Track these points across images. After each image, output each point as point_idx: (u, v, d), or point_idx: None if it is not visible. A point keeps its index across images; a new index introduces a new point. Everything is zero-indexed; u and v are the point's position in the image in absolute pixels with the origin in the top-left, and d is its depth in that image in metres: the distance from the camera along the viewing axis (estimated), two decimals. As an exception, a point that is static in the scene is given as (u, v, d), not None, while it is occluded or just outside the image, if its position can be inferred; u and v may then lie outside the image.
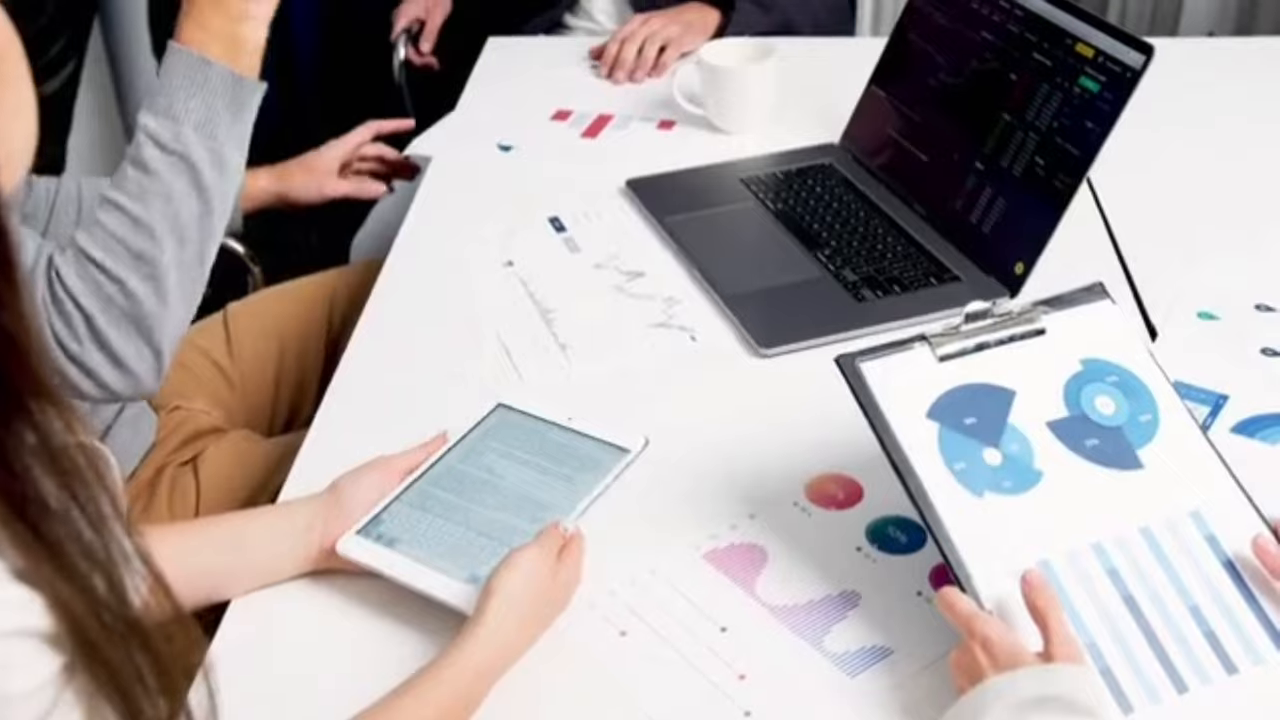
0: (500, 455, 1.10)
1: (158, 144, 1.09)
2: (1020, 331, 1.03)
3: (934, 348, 1.01)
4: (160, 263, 1.10)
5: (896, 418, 0.98)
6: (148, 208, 1.10)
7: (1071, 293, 1.07)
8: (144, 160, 1.09)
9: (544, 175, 1.65)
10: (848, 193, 1.55)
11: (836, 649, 0.98)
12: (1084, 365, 1.03)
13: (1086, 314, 1.06)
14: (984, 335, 1.02)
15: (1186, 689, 0.89)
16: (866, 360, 1.00)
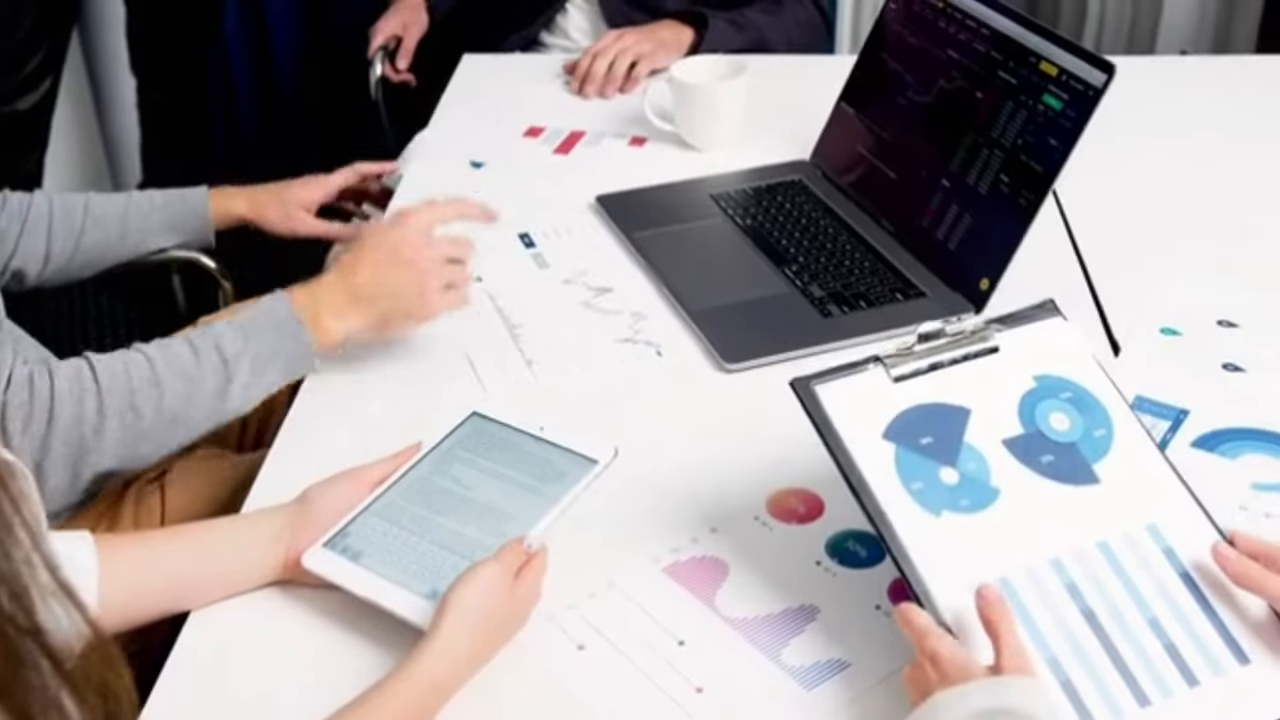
0: (469, 465, 1.10)
1: (218, 346, 1.17)
2: (974, 350, 1.04)
3: (888, 369, 1.01)
4: (143, 424, 1.14)
5: (853, 440, 0.98)
6: (172, 379, 1.15)
7: (1024, 310, 1.07)
8: (199, 348, 1.17)
9: (514, 191, 1.65)
10: (816, 209, 1.56)
11: (794, 662, 0.98)
12: (1038, 382, 1.04)
13: (1039, 330, 1.06)
14: (938, 355, 1.03)
15: (1149, 702, 0.90)
16: (821, 383, 1.00)
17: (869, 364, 1.02)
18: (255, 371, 1.18)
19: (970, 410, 1.02)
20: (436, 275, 1.26)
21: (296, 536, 1.04)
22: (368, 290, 1.24)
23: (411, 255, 1.25)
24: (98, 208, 1.49)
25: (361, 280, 1.24)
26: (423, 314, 1.27)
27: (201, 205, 1.55)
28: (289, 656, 1.01)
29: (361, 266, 1.25)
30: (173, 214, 1.53)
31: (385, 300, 1.25)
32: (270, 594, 1.06)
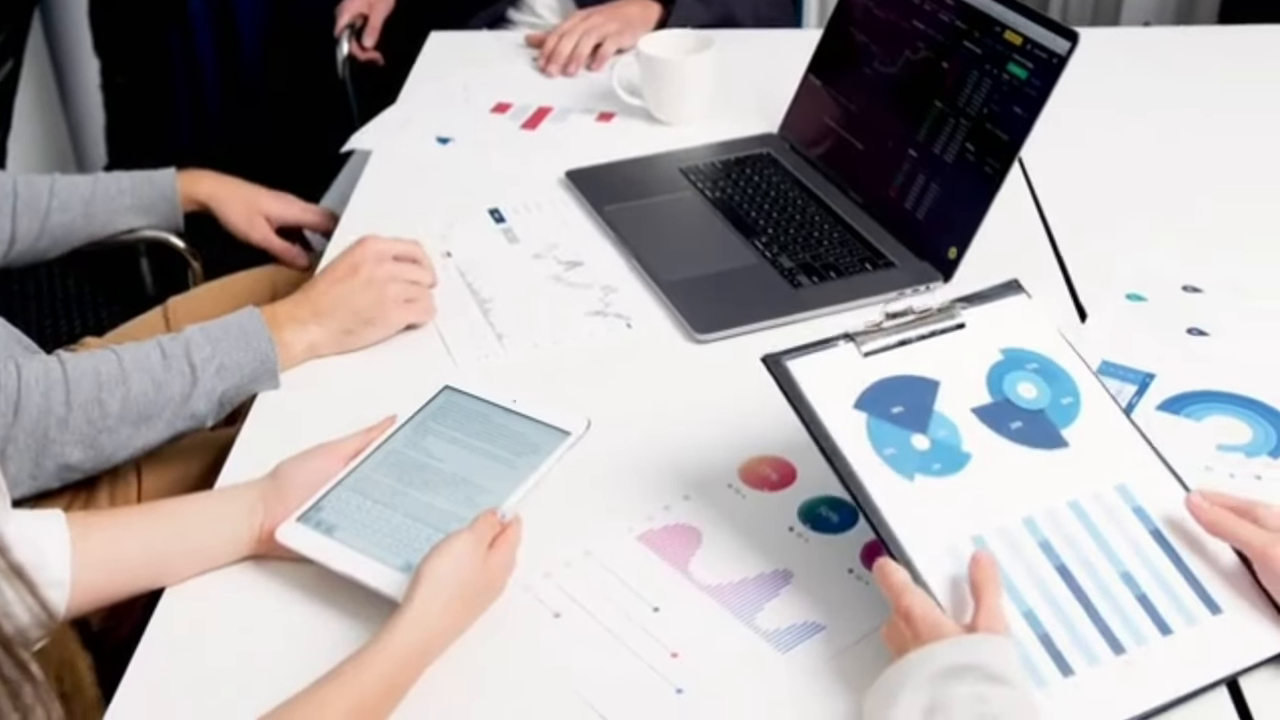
0: (441, 438, 1.10)
1: (187, 352, 1.18)
2: (941, 327, 1.05)
3: (858, 345, 1.03)
4: (108, 420, 1.14)
5: (825, 410, 0.99)
6: (139, 379, 1.16)
7: (989, 289, 1.10)
8: (169, 352, 1.18)
9: (483, 167, 1.65)
10: (785, 181, 1.56)
11: (769, 626, 0.99)
12: (1004, 355, 1.06)
13: (1004, 308, 1.09)
14: (906, 331, 1.04)
15: (1124, 650, 0.91)
16: (793, 359, 1.01)
17: (839, 340, 1.03)
18: (220, 377, 1.20)
19: (939, 382, 1.03)
20: (396, 290, 1.30)
21: (270, 511, 1.04)
22: (329, 304, 1.27)
23: (371, 271, 1.29)
24: (64, 189, 1.48)
25: (320, 294, 1.28)
26: (383, 325, 1.30)
27: (169, 188, 1.54)
28: (264, 630, 1.01)
29: (322, 282, 1.29)
30: (140, 196, 1.52)
31: (346, 313, 1.28)
32: (244, 569, 1.06)
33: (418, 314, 1.32)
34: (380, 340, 1.30)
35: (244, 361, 1.21)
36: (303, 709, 0.86)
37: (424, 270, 1.34)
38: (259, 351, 1.22)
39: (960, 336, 1.06)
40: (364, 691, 0.88)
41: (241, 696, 0.93)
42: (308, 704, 0.86)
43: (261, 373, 1.22)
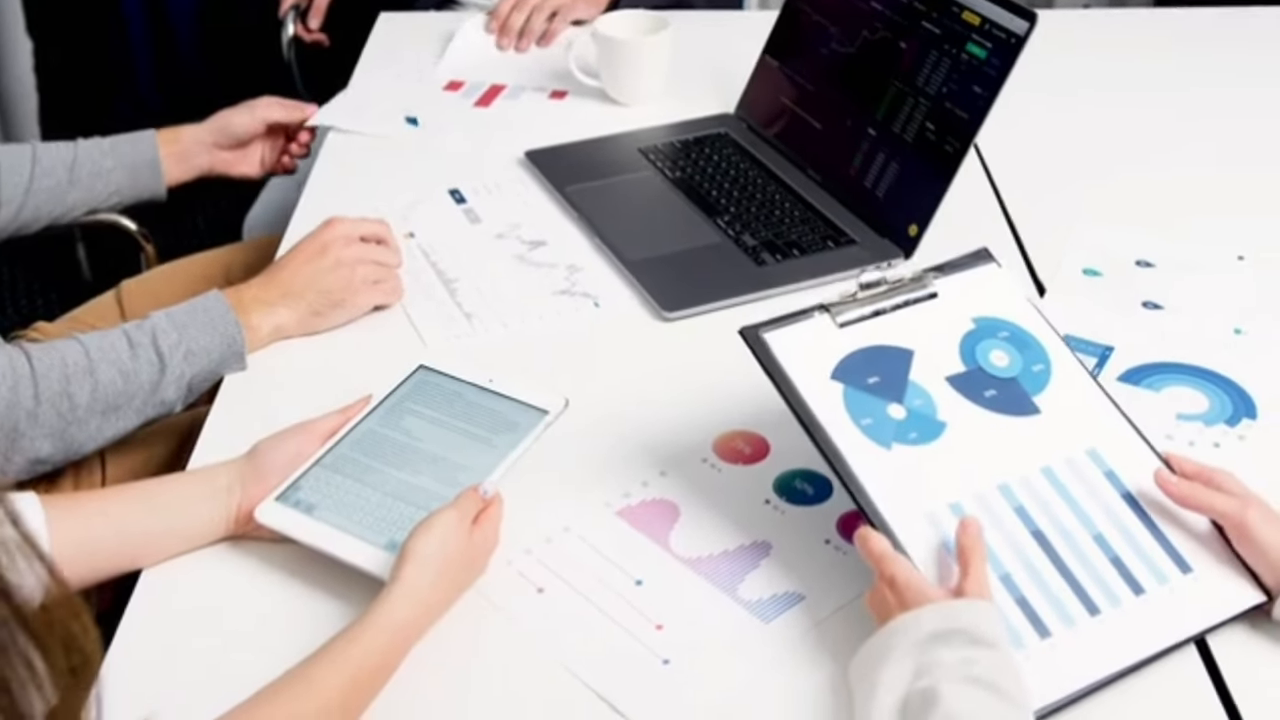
0: (419, 418, 1.10)
1: (154, 340, 1.17)
2: (914, 296, 1.07)
3: (833, 316, 1.04)
4: (77, 412, 1.13)
5: (802, 381, 1.01)
6: (107, 369, 1.14)
7: (959, 259, 1.11)
8: (135, 341, 1.17)
9: (440, 148, 1.65)
10: (744, 160, 1.58)
11: (750, 597, 1.00)
12: (976, 323, 1.08)
13: (975, 277, 1.10)
14: (879, 302, 1.06)
15: (1098, 610, 0.94)
16: (769, 330, 1.03)
17: (814, 311, 1.04)
18: (188, 363, 1.19)
19: (913, 351, 1.05)
20: (365, 272, 1.29)
21: (248, 491, 1.04)
22: (295, 285, 1.27)
23: (339, 252, 1.28)
24: (46, 156, 1.45)
25: (288, 275, 1.27)
26: (352, 307, 1.29)
27: (151, 149, 1.51)
28: (244, 611, 1.01)
29: (290, 263, 1.28)
30: (122, 159, 1.49)
31: (314, 295, 1.27)
32: (222, 550, 1.05)
33: (386, 295, 1.31)
34: (348, 322, 1.30)
35: (211, 346, 1.20)
36: (294, 686, 0.86)
37: (391, 251, 1.33)
38: (226, 335, 1.21)
39: (933, 306, 1.08)
40: (356, 668, 0.88)
41: (223, 676, 0.93)
42: (299, 681, 0.86)
43: (229, 356, 1.21)
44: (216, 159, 1.58)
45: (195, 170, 1.56)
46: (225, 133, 1.57)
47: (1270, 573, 0.96)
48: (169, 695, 0.93)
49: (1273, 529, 0.96)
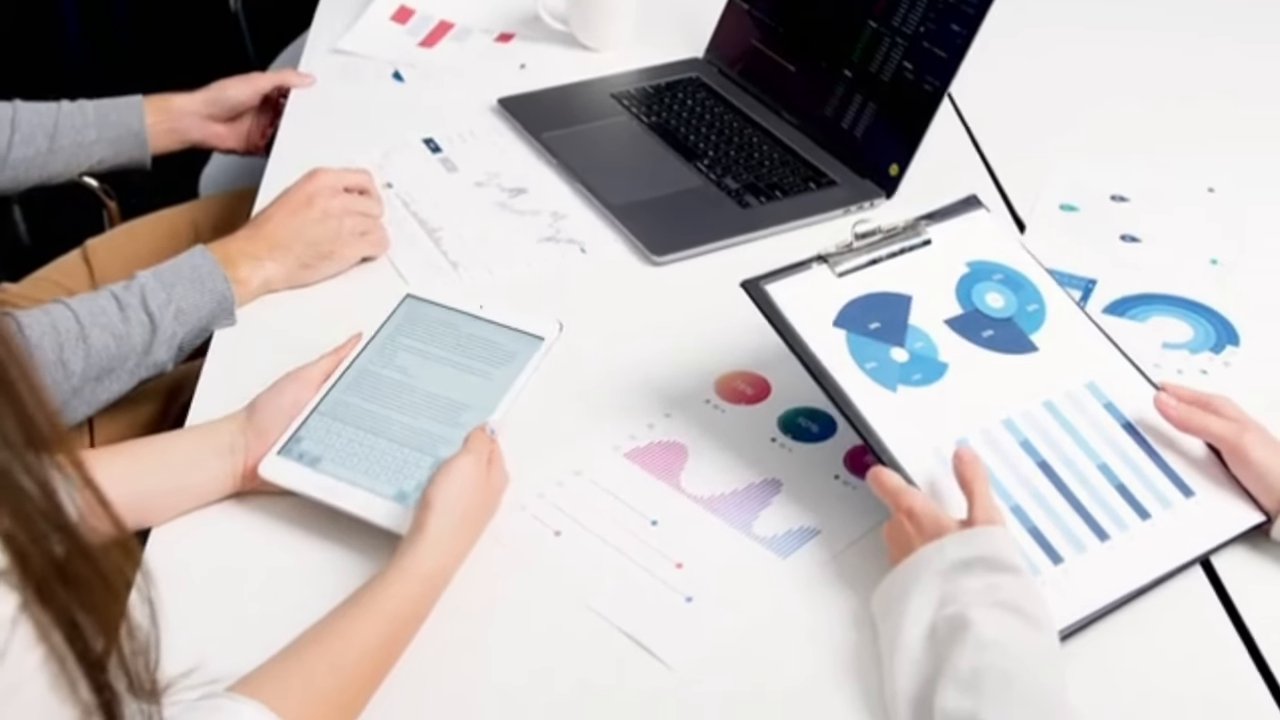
0: (413, 353, 1.09)
1: (144, 301, 1.15)
2: (909, 244, 1.09)
3: (831, 266, 1.06)
4: (73, 380, 1.11)
5: (807, 331, 1.02)
6: (99, 334, 1.13)
7: (949, 206, 1.14)
8: (125, 303, 1.15)
9: (412, 98, 1.63)
10: (719, 105, 1.57)
11: (766, 533, 1.01)
12: (970, 267, 1.09)
13: (966, 222, 1.12)
14: (875, 250, 1.08)
15: (1107, 536, 0.96)
16: (770, 282, 1.04)
17: (812, 262, 1.06)
18: (179, 322, 1.17)
19: (911, 296, 1.06)
20: (351, 223, 1.28)
21: (251, 446, 1.03)
22: (283, 238, 1.25)
23: (325, 204, 1.26)
24: (26, 121, 1.42)
25: (274, 228, 1.25)
26: (339, 259, 1.28)
27: (136, 118, 1.47)
28: (254, 566, 1.00)
29: (275, 215, 1.26)
30: (106, 128, 1.45)
31: (300, 246, 1.25)
32: (228, 506, 1.04)
33: (373, 246, 1.30)
34: (336, 274, 1.28)
35: (201, 303, 1.18)
36: (332, 637, 0.85)
37: (374, 201, 1.31)
38: (215, 292, 1.19)
39: (927, 253, 1.09)
40: (391, 618, 0.88)
41: (240, 631, 0.93)
42: (336, 632, 0.86)
43: (219, 312, 1.20)
44: (207, 131, 1.54)
45: (183, 142, 1.53)
46: (220, 104, 1.54)
47: (1267, 494, 0.99)
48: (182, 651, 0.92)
49: (1269, 451, 0.99)
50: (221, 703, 0.77)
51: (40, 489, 0.59)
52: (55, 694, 0.60)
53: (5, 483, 0.57)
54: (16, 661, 0.58)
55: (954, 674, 0.83)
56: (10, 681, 0.58)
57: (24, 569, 0.58)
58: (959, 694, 0.82)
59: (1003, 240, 1.12)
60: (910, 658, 0.86)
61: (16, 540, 0.57)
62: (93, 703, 0.61)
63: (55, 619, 0.59)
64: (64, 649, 0.59)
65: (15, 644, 0.58)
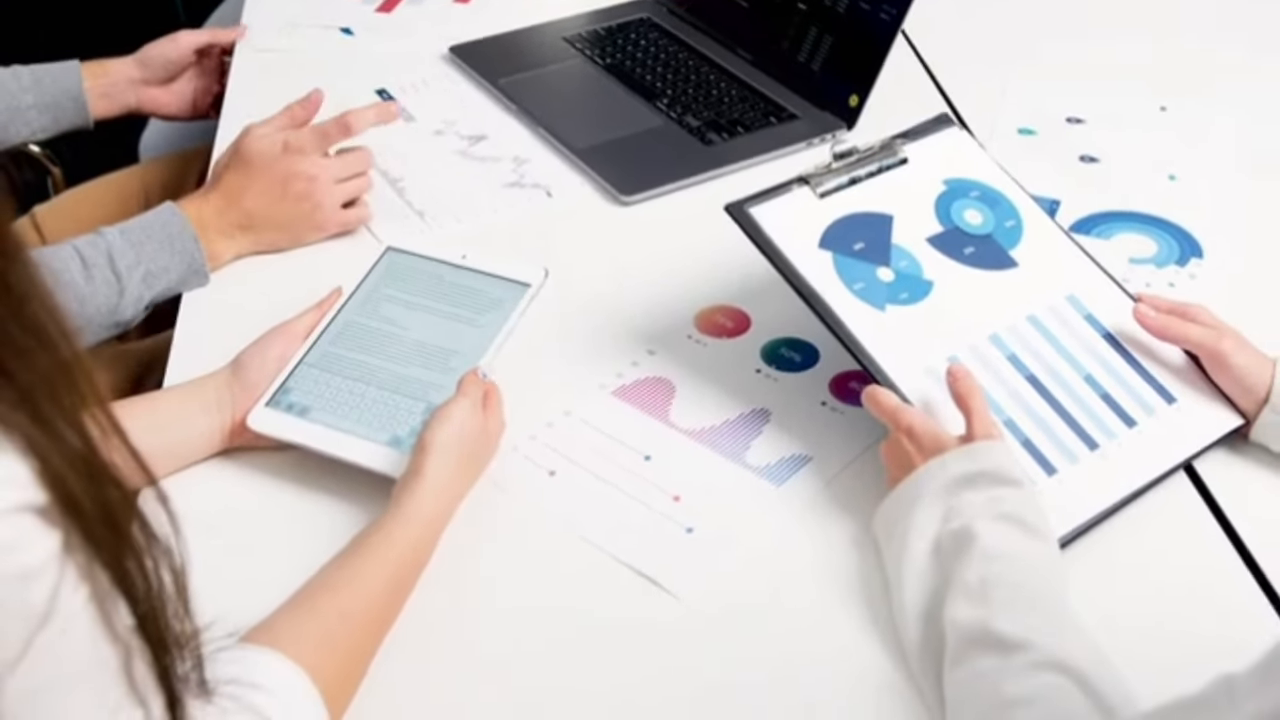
0: (397, 303, 1.08)
1: (110, 259, 1.13)
2: (887, 163, 1.10)
3: (813, 187, 1.06)
4: None
5: (793, 253, 1.02)
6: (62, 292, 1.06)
7: (922, 124, 1.14)
8: (90, 261, 1.12)
9: (360, 50, 1.60)
10: (672, 44, 1.57)
11: (759, 462, 1.02)
12: (948, 185, 1.10)
13: (940, 140, 1.13)
14: (855, 170, 1.08)
15: (1096, 445, 0.98)
16: (755, 205, 1.04)
17: (794, 184, 1.06)
18: (147, 285, 1.15)
19: (893, 215, 1.07)
20: (331, 200, 1.24)
21: (237, 401, 1.01)
22: (259, 220, 1.22)
23: (304, 188, 1.23)
24: None
25: (251, 208, 1.22)
26: (314, 238, 1.25)
27: (75, 83, 1.43)
28: (248, 519, 0.99)
29: (251, 194, 1.22)
30: (43, 94, 1.41)
31: (276, 230, 1.23)
32: (218, 462, 1.03)
33: (356, 220, 1.26)
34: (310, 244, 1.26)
35: (170, 265, 1.16)
36: (338, 585, 0.85)
37: (358, 158, 1.27)
38: (185, 254, 1.16)
39: (905, 172, 1.10)
40: (396, 562, 0.87)
41: (239, 585, 0.90)
42: (342, 580, 0.85)
43: (189, 274, 1.17)
44: (144, 96, 1.50)
45: (122, 107, 1.48)
46: (151, 66, 1.49)
47: (1245, 397, 1.01)
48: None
49: (1246, 355, 1.01)
50: (242, 654, 0.77)
51: (78, 433, 0.58)
52: (102, 634, 0.60)
53: (48, 425, 0.57)
54: (67, 600, 0.58)
55: (963, 586, 0.84)
56: (62, 619, 0.58)
57: (69, 509, 0.57)
58: (969, 605, 0.83)
59: (977, 157, 1.13)
60: (917, 572, 0.88)
61: (62, 480, 0.57)
62: (134, 644, 0.61)
63: (98, 559, 0.59)
64: (108, 589, 0.59)
65: (65, 582, 0.58)
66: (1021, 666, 0.77)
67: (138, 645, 0.62)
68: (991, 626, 0.80)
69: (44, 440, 0.57)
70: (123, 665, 0.62)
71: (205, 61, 1.55)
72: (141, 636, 0.61)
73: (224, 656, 0.76)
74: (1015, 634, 0.78)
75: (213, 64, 1.56)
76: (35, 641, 0.59)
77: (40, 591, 0.59)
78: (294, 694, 0.76)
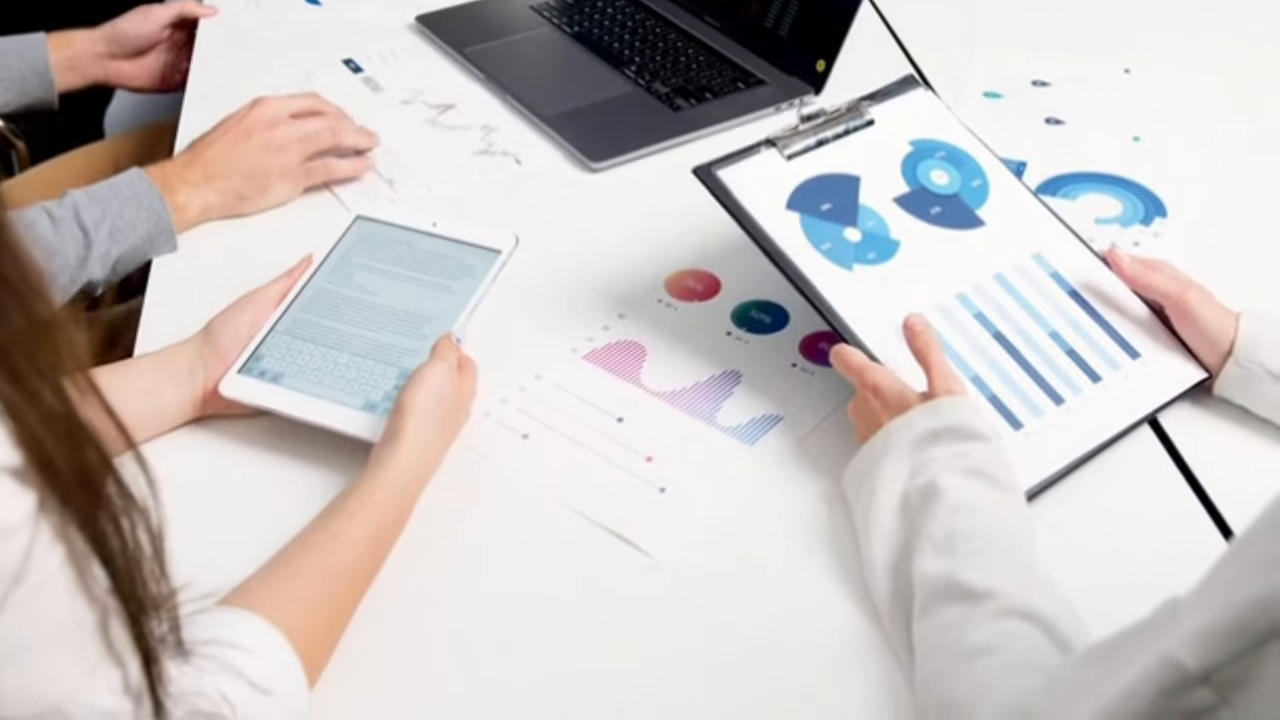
0: (370, 271, 1.08)
1: (77, 215, 1.14)
2: (853, 125, 1.10)
3: (780, 149, 1.07)
4: None
5: (761, 214, 1.03)
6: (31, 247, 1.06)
7: (889, 85, 1.15)
8: (57, 216, 1.13)
9: (325, 20, 1.59)
10: (639, 12, 1.57)
11: (730, 423, 1.03)
12: (914, 146, 1.11)
13: (906, 102, 1.14)
14: (822, 132, 1.09)
15: (1062, 400, 0.99)
16: (722, 168, 1.04)
17: (761, 146, 1.06)
18: (114, 239, 1.15)
19: (860, 177, 1.08)
20: (295, 152, 1.25)
21: (209, 369, 1.01)
22: (221, 168, 1.22)
23: (265, 135, 1.24)
24: None
25: (214, 155, 1.23)
26: (275, 192, 1.25)
27: (40, 57, 1.42)
28: (222, 488, 0.99)
29: (216, 144, 1.23)
30: (8, 69, 1.40)
31: (238, 178, 1.23)
32: (190, 431, 1.03)
33: (320, 175, 1.27)
34: (275, 206, 1.26)
35: (137, 222, 1.16)
36: (317, 546, 0.85)
37: (329, 118, 1.28)
38: (152, 211, 1.17)
39: (871, 133, 1.11)
40: (375, 523, 0.88)
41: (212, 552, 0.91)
42: (321, 541, 0.86)
43: (157, 233, 1.17)
44: (111, 69, 1.49)
45: (88, 79, 1.47)
46: (118, 40, 1.48)
47: (1209, 350, 1.02)
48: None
49: (1211, 309, 1.02)
50: (220, 615, 0.77)
51: (56, 393, 0.58)
52: (78, 594, 0.60)
53: (24, 384, 0.57)
54: (41, 560, 0.58)
55: (929, 538, 0.85)
56: (36, 580, 0.58)
57: (44, 469, 0.57)
58: (935, 556, 0.84)
59: (943, 118, 1.14)
60: (885, 527, 0.89)
61: (37, 441, 0.57)
62: (110, 604, 0.61)
63: (74, 520, 0.59)
64: (84, 550, 0.59)
65: (39, 542, 0.58)
66: (986, 614, 0.78)
67: (114, 606, 0.62)
68: (958, 577, 0.81)
69: (19, 400, 0.57)
70: (99, 625, 0.63)
71: (175, 35, 1.54)
72: (117, 597, 0.62)
73: (202, 619, 0.76)
74: (981, 584, 0.80)
75: (183, 37, 1.55)
76: (9, 600, 0.59)
77: (13, 551, 0.59)
78: (272, 653, 0.77)
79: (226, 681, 0.72)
